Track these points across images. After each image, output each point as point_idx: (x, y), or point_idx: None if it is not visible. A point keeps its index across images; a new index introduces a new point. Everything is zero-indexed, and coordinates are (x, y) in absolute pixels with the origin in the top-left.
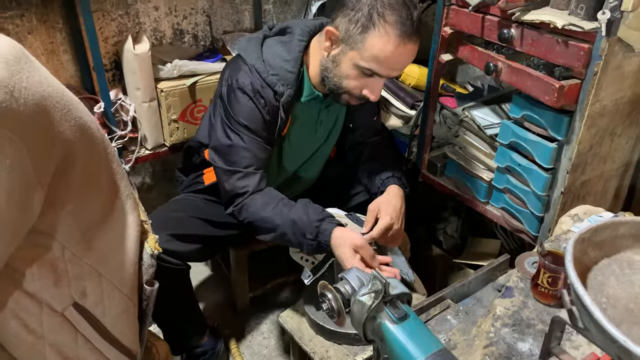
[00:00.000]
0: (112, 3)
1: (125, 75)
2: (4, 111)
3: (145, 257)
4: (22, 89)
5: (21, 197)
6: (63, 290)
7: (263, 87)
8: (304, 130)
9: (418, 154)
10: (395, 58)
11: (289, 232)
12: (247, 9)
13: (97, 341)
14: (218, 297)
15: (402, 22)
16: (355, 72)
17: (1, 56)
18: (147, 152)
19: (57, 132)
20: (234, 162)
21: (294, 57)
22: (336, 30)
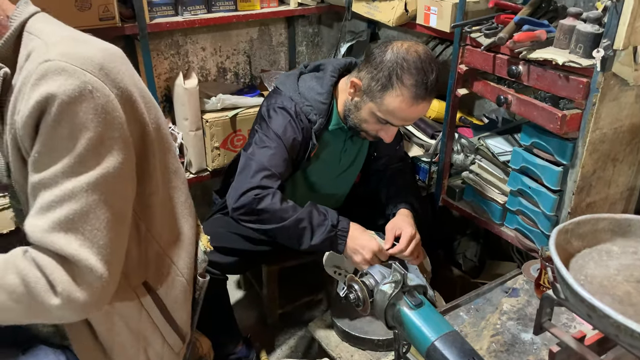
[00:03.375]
0: (166, 44)
1: (175, 107)
2: (110, 76)
3: (199, 253)
4: (120, 72)
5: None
6: (140, 268)
7: (300, 113)
8: (330, 156)
9: (438, 179)
10: (408, 114)
11: (306, 220)
12: (282, 50)
13: (157, 317)
14: (250, 312)
15: (417, 86)
16: (372, 119)
17: (114, 49)
18: (191, 175)
19: (142, 116)
20: (264, 162)
21: (326, 90)
22: (360, 81)
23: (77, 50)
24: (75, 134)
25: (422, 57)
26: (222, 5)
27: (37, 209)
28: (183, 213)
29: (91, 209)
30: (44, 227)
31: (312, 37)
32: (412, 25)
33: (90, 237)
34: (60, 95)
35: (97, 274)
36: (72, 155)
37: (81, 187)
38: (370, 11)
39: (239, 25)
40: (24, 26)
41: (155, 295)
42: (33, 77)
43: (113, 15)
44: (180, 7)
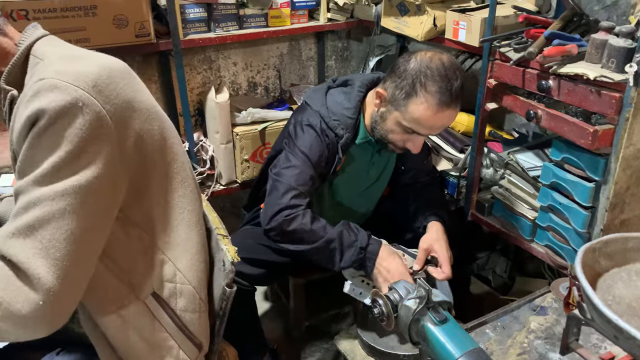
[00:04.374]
0: (199, 59)
1: (207, 120)
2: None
3: (227, 263)
4: (117, 87)
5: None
6: (147, 279)
7: (327, 129)
8: (357, 169)
9: (467, 194)
10: (433, 121)
11: (336, 241)
12: (312, 65)
13: (169, 326)
14: (276, 323)
15: (441, 92)
16: (398, 129)
17: (114, 65)
18: (221, 187)
19: (139, 129)
20: (292, 182)
21: (353, 105)
22: (384, 92)
23: (71, 68)
24: (55, 145)
25: (446, 64)
26: (253, 21)
27: (10, 217)
28: (191, 221)
29: (53, 218)
30: (7, 231)
31: (341, 52)
32: (441, 40)
33: (47, 246)
34: (50, 110)
35: (45, 286)
36: (47, 165)
37: (47, 195)
38: (399, 26)
39: (269, 41)
40: (30, 50)
41: (165, 304)
42: (28, 94)
43: (149, 32)
44: (213, 24)
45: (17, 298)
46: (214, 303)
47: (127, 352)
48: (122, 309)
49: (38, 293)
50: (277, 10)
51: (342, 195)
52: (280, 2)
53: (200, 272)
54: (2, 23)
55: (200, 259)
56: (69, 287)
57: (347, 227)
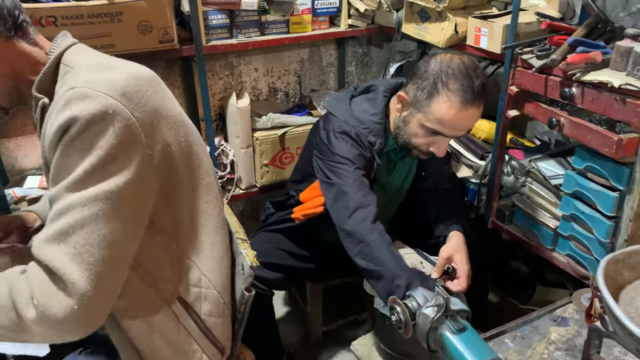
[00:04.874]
0: (221, 65)
1: (228, 125)
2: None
3: (246, 267)
4: (145, 95)
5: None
6: (173, 284)
7: (360, 135)
8: (384, 177)
9: (487, 202)
10: (457, 121)
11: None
12: (332, 71)
13: (193, 331)
14: (294, 328)
15: (463, 90)
16: (422, 131)
17: (142, 73)
18: (241, 191)
19: (166, 136)
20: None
21: (379, 110)
22: (406, 95)
23: (101, 77)
24: (87, 152)
25: (467, 63)
26: (274, 28)
27: (46, 223)
28: (216, 226)
29: (86, 224)
30: (42, 238)
31: (361, 58)
32: (462, 47)
33: (81, 251)
34: (81, 118)
35: (80, 291)
36: (78, 171)
37: (79, 201)
38: (420, 32)
39: (290, 47)
40: (60, 58)
41: (190, 309)
42: (59, 103)
43: (172, 38)
44: (235, 30)
45: (53, 302)
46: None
47: (151, 355)
48: (149, 314)
49: (73, 298)
50: (299, 16)
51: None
52: (302, 8)
53: (224, 276)
54: (33, 32)
55: (225, 263)
56: (102, 291)
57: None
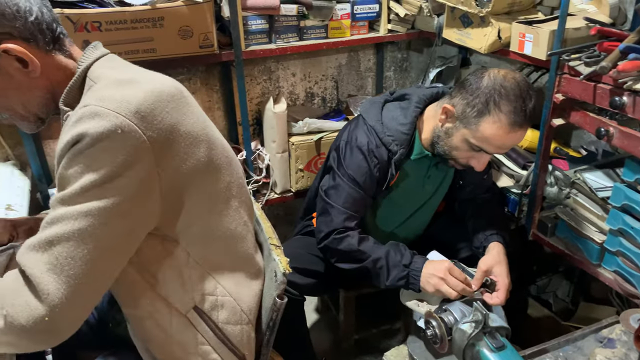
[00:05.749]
0: (259, 70)
1: (265, 129)
2: (147, 118)
3: (279, 274)
4: (163, 112)
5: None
6: (187, 294)
7: (378, 147)
8: (412, 184)
9: (528, 213)
10: (503, 141)
11: (383, 259)
12: (370, 76)
13: (211, 339)
14: (326, 335)
15: (515, 113)
16: (465, 146)
17: (164, 89)
18: (275, 195)
19: (182, 153)
20: (340, 205)
21: (409, 121)
22: (452, 107)
23: (116, 94)
24: (88, 168)
25: (520, 84)
26: (313, 33)
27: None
28: (234, 236)
29: (72, 237)
30: (27, 245)
31: (400, 63)
32: (506, 52)
33: (62, 263)
34: (88, 135)
35: (52, 303)
36: (76, 186)
37: (70, 214)
38: (462, 38)
39: (328, 52)
40: (87, 72)
41: (207, 317)
42: (72, 120)
43: (212, 43)
44: (274, 35)
45: (23, 313)
46: (261, 313)
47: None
48: (166, 324)
49: (44, 309)
50: (338, 21)
51: (397, 210)
52: (341, 13)
53: (242, 285)
54: (69, 44)
55: (244, 271)
56: (77, 305)
57: (394, 247)
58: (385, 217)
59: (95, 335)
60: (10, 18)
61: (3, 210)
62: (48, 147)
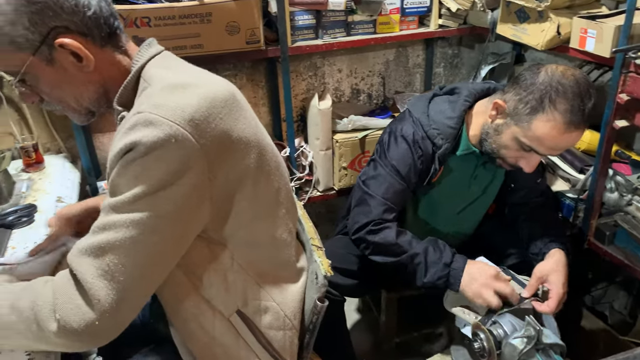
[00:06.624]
0: (305, 66)
1: (309, 126)
2: (200, 126)
3: (320, 277)
4: (216, 119)
5: (197, 201)
6: (231, 297)
7: (423, 139)
8: (457, 182)
9: (585, 219)
10: (557, 142)
11: (421, 255)
12: (418, 72)
13: (254, 344)
14: (366, 336)
15: (572, 112)
16: (515, 145)
17: (218, 94)
18: (318, 193)
19: (233, 159)
20: (380, 195)
21: (457, 115)
22: (504, 103)
23: (170, 101)
24: (141, 176)
25: (580, 82)
26: (361, 28)
27: (90, 231)
28: (279, 240)
29: (124, 245)
30: (79, 248)
31: (450, 59)
32: (564, 49)
33: (113, 270)
34: (143, 143)
35: (103, 308)
36: (129, 194)
37: (123, 222)
38: (517, 33)
39: (376, 48)
40: (141, 71)
41: (250, 322)
42: (126, 126)
43: (259, 39)
44: (320, 31)
45: (75, 317)
46: (304, 316)
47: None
48: (209, 328)
49: (95, 313)
50: (386, 16)
51: (440, 208)
52: (390, 8)
53: (285, 290)
54: (125, 40)
55: (287, 276)
56: (126, 309)
57: (433, 243)
58: (426, 214)
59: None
60: (69, 12)
61: (54, 202)
62: (98, 141)
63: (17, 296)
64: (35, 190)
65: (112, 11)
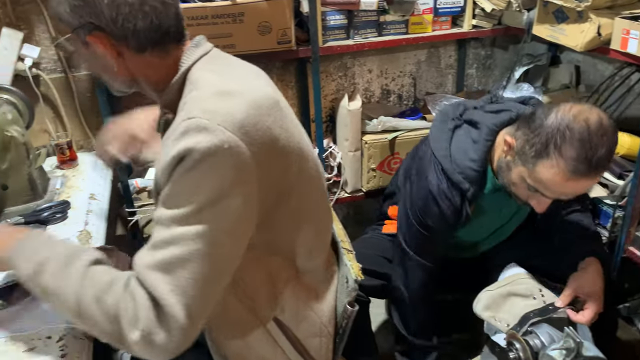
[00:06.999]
0: (335, 66)
1: (338, 127)
2: (250, 133)
3: (350, 281)
4: (264, 126)
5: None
6: (269, 304)
7: (449, 187)
8: (487, 215)
9: (623, 227)
10: (562, 189)
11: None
12: (450, 73)
13: (290, 352)
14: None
15: (578, 160)
16: (522, 184)
17: (263, 101)
18: (346, 195)
19: (279, 165)
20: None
21: (479, 157)
22: (514, 141)
23: (221, 107)
24: (199, 186)
25: (592, 127)
26: (393, 28)
27: (150, 242)
28: (318, 246)
29: (192, 258)
30: (147, 262)
31: (483, 60)
32: (604, 50)
33: (183, 284)
34: (197, 150)
35: (178, 323)
36: (189, 206)
37: (188, 236)
38: (554, 34)
39: (407, 48)
40: (187, 74)
41: (287, 329)
42: (177, 131)
43: (290, 39)
44: (352, 31)
45: (155, 331)
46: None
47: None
48: (246, 335)
49: (172, 329)
50: (419, 16)
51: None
52: (423, 8)
53: (321, 296)
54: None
55: (323, 280)
56: (198, 321)
57: None
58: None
59: None
60: (108, 18)
61: (87, 199)
62: None
63: (102, 290)
64: (68, 187)
65: (169, 24)
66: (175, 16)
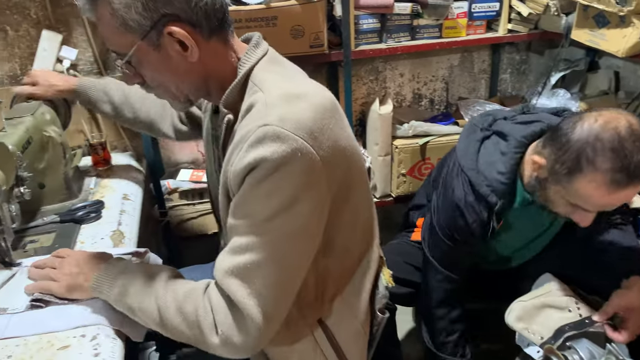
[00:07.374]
0: (366, 70)
1: (368, 131)
2: (319, 138)
3: (381, 287)
4: (329, 130)
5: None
6: (316, 305)
7: (476, 200)
8: (516, 229)
9: None
10: (606, 201)
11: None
12: (483, 78)
13: (330, 354)
14: (419, 346)
15: (615, 171)
16: (561, 202)
17: (326, 104)
18: (375, 200)
19: (342, 168)
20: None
21: (508, 169)
22: (543, 160)
23: (292, 113)
24: (273, 194)
25: (623, 134)
26: (426, 32)
27: (228, 248)
28: (362, 249)
29: (267, 264)
30: (226, 268)
31: (518, 65)
32: None
33: (259, 289)
34: (271, 159)
35: (256, 325)
36: (264, 214)
37: (264, 242)
38: (594, 39)
39: (440, 52)
40: (249, 74)
41: (329, 331)
42: (251, 137)
43: (322, 43)
44: (385, 35)
45: (234, 334)
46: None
47: None
48: (295, 341)
49: (250, 331)
50: (453, 20)
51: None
52: (457, 12)
53: (360, 300)
54: (230, 35)
55: (364, 282)
56: (275, 323)
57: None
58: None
59: None
60: (182, 0)
61: (120, 199)
62: (162, 140)
63: (182, 300)
64: (102, 187)
65: (223, 4)
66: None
